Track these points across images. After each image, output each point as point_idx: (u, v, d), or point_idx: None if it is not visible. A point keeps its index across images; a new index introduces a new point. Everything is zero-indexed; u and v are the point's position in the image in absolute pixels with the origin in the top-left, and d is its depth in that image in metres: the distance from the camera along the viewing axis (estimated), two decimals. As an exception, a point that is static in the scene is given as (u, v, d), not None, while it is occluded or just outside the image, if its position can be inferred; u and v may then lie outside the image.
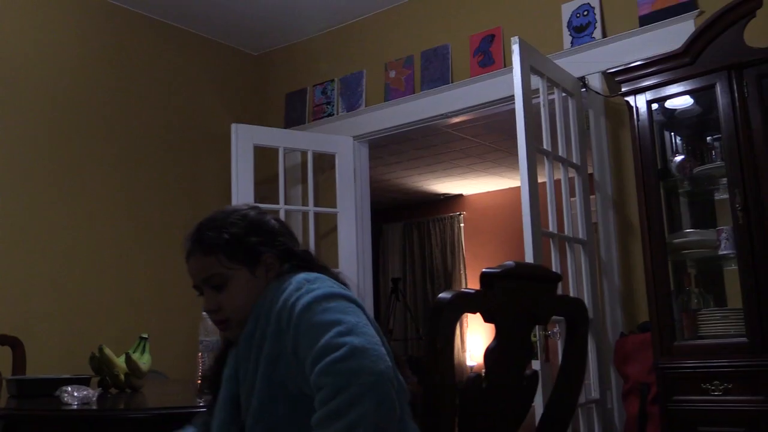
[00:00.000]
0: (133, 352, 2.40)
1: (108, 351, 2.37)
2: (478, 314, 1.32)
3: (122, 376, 2.38)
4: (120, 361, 2.39)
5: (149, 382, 2.57)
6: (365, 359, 1.28)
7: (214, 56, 4.96)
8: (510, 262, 1.33)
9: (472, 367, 8.82)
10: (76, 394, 1.96)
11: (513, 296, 1.30)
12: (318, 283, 1.46)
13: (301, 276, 1.50)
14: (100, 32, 4.33)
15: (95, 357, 2.37)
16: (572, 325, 1.50)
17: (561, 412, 1.53)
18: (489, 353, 1.29)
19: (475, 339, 8.90)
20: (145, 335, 2.49)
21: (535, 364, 2.83)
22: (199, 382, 1.79)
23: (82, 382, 2.19)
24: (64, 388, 2.00)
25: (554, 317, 1.56)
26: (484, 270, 1.28)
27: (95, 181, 4.17)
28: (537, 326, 2.81)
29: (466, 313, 1.27)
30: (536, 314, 1.38)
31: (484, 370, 1.31)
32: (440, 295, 1.26)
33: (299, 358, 1.37)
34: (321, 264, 1.61)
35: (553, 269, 3.26)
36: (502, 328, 1.28)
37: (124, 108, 4.37)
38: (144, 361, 2.42)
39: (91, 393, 1.98)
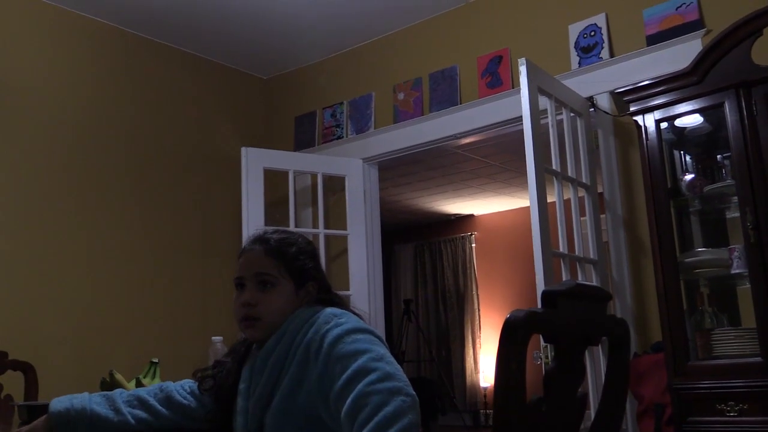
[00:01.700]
0: (144, 377, 2.40)
1: (118, 376, 2.37)
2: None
3: (133, 401, 2.37)
4: (130, 386, 2.39)
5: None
6: (400, 382, 1.39)
7: (224, 80, 5.01)
8: (569, 281, 1.32)
9: (485, 389, 8.76)
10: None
11: (572, 315, 1.29)
12: (345, 318, 1.58)
13: (329, 310, 1.63)
14: (113, 58, 4.38)
15: (106, 382, 2.37)
16: (615, 346, 1.47)
17: None
18: (549, 375, 1.27)
19: (488, 360, 8.85)
20: (155, 360, 2.49)
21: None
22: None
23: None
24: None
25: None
26: (546, 289, 1.26)
27: (108, 205, 4.19)
28: (548, 347, 2.79)
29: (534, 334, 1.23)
30: (589, 334, 1.37)
31: (543, 392, 1.28)
32: (512, 313, 1.20)
33: (322, 387, 1.48)
34: (349, 306, 1.76)
35: (565, 290, 3.24)
36: (561, 348, 1.27)
37: (136, 132, 4.41)
38: (154, 385, 2.41)
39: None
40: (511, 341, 1.17)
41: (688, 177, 3.11)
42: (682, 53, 3.33)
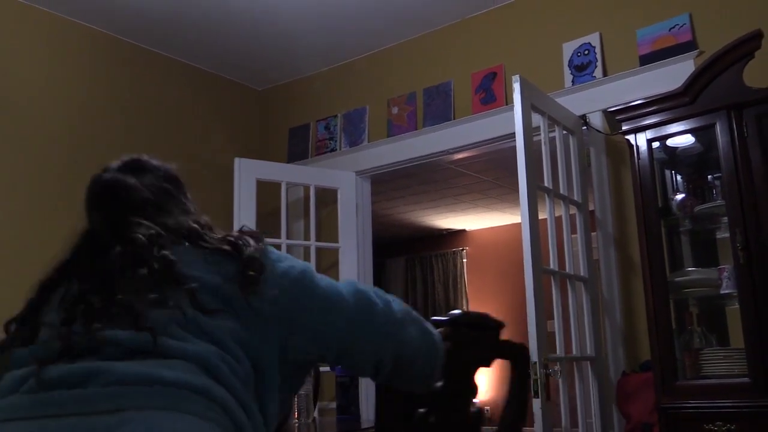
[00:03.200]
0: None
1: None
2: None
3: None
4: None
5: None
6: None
7: (218, 91, 5.01)
8: (456, 311, 1.48)
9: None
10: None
11: (458, 342, 1.42)
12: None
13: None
14: (108, 67, 4.38)
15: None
16: (514, 363, 1.58)
17: None
18: (435, 393, 1.40)
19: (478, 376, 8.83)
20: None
21: (536, 403, 2.79)
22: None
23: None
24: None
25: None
26: (432, 318, 1.41)
27: (98, 213, 4.17)
28: (537, 364, 2.79)
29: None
30: (479, 357, 1.49)
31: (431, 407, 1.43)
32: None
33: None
34: None
35: (555, 306, 3.26)
36: (448, 370, 1.39)
37: (130, 141, 4.39)
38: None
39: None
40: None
41: (679, 197, 3.13)
42: (675, 74, 3.35)
